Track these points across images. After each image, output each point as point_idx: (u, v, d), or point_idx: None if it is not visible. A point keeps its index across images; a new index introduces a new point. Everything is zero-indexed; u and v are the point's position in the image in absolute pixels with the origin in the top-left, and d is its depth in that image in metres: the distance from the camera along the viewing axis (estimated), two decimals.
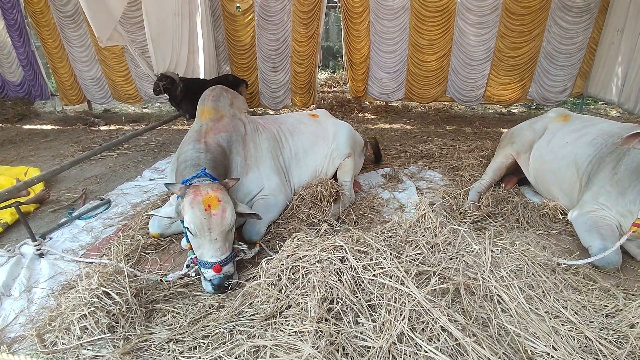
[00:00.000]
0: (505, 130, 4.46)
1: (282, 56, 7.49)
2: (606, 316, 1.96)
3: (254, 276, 2.27)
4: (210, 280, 2.31)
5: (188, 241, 2.47)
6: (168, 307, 2.20)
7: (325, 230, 2.66)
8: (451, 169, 4.50)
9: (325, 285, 1.84)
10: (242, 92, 6.46)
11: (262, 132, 3.40)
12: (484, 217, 3.21)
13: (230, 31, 7.48)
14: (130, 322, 2.02)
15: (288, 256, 2.13)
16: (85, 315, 1.96)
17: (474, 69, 7.22)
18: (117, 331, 1.95)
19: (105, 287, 2.09)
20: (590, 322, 1.88)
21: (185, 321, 2.05)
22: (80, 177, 4.59)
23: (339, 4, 7.60)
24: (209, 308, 2.19)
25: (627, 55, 6.03)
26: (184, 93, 5.99)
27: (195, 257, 2.39)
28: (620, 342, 1.81)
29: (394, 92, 7.65)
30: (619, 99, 6.22)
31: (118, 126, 7.26)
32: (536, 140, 3.67)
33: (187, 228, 2.34)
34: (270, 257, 2.21)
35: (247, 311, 2.02)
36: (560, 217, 3.16)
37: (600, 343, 1.76)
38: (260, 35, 7.40)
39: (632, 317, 1.91)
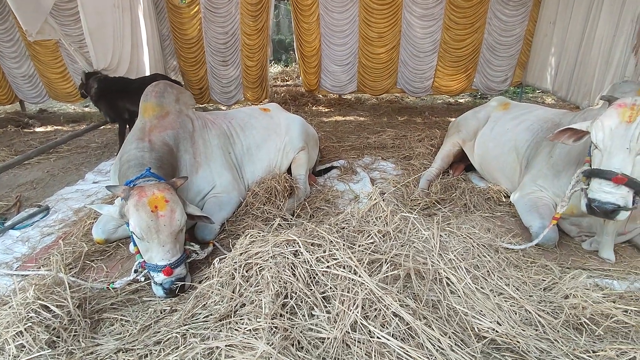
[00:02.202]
0: (453, 119, 4.65)
1: (231, 50, 7.31)
2: (544, 289, 2.10)
3: (207, 277, 2.21)
4: (161, 284, 2.22)
5: (135, 245, 2.35)
6: (116, 316, 2.09)
7: (279, 225, 2.64)
8: (403, 159, 4.63)
9: (279, 281, 1.83)
10: None
11: (212, 128, 3.30)
12: (434, 203, 3.32)
13: (176, 24, 7.17)
14: (74, 335, 1.89)
15: (241, 254, 2.09)
16: (21, 332, 1.82)
17: (421, 60, 7.44)
18: (58, 346, 1.83)
19: (43, 300, 1.95)
20: (530, 296, 2.01)
21: (135, 329, 1.96)
22: (13, 183, 4.23)
23: None
24: (161, 313, 2.11)
25: (559, 46, 6.47)
26: (98, 94, 5.13)
27: (144, 261, 2.29)
28: (556, 312, 1.95)
29: (346, 85, 7.71)
30: (553, 88, 6.67)
31: (56, 127, 6.76)
32: (480, 128, 3.86)
33: (133, 232, 2.23)
34: (223, 256, 2.16)
35: (200, 313, 1.96)
36: (504, 200, 3.34)
37: (539, 315, 1.89)
38: (207, 28, 7.16)
39: (567, 288, 2.06)
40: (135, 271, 2.35)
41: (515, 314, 1.89)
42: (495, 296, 1.94)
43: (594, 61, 5.51)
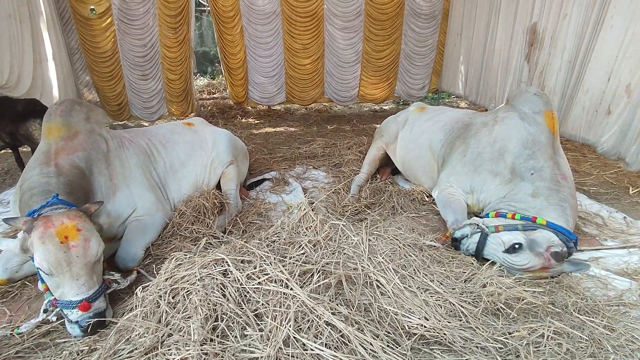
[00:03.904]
0: (379, 125, 4.87)
1: (151, 63, 6.96)
2: (465, 281, 2.26)
3: (131, 308, 2.05)
4: (77, 321, 2.01)
5: (44, 282, 2.11)
6: None
7: (209, 244, 2.54)
8: (334, 166, 4.73)
9: (208, 304, 1.75)
10: (30, 128, 4.39)
11: (129, 146, 3.09)
12: (364, 208, 3.43)
13: (86, 37, 6.65)
14: None
15: (166, 279, 1.97)
16: None
17: (346, 70, 7.71)
18: None
19: None
20: (453, 289, 2.15)
21: None
22: None
23: (209, 8, 7.37)
24: (78, 355, 1.91)
25: (467, 55, 7.11)
26: None
27: (55, 298, 2.06)
28: (476, 301, 2.10)
29: (275, 96, 7.73)
30: (465, 93, 7.30)
31: None
32: (400, 131, 4.09)
33: (39, 268, 2.00)
34: (146, 284, 2.02)
35: (123, 349, 1.80)
36: (427, 200, 3.55)
37: (461, 306, 2.02)
38: (123, 41, 6.75)
39: (484, 278, 2.24)
40: (45, 311, 2.11)
41: (441, 307, 2.01)
42: (421, 293, 2.04)
43: (495, 68, 6.13)
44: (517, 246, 2.43)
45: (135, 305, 1.94)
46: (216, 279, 1.85)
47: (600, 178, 4.37)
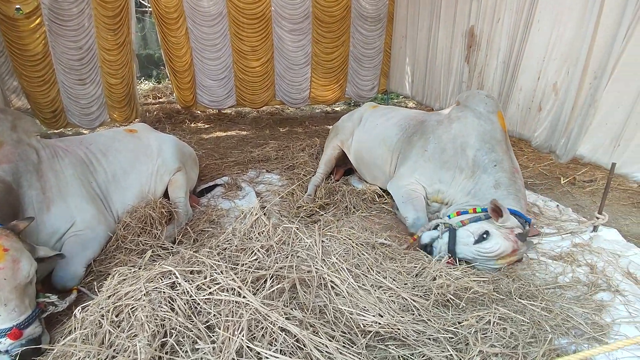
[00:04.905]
0: (331, 126, 4.92)
1: (89, 67, 6.53)
2: (416, 276, 2.33)
3: (70, 331, 1.90)
4: (7, 351, 1.83)
5: None
6: None
7: (158, 256, 2.43)
8: (287, 169, 4.70)
9: (155, 319, 1.66)
10: None
11: (64, 156, 2.87)
12: (317, 210, 3.44)
13: (12, 38, 6.10)
14: None
15: (109, 297, 1.85)
16: None
17: (296, 72, 7.71)
18: None
19: None
20: (405, 284, 2.20)
21: None
22: None
23: (151, 9, 7.07)
24: None
25: (412, 57, 7.37)
26: None
27: None
28: (427, 294, 2.17)
29: (224, 99, 7.56)
30: (412, 93, 7.56)
31: None
32: (355, 128, 4.18)
33: None
34: (85, 304, 1.88)
35: None
36: (377, 200, 3.63)
37: (413, 300, 2.08)
38: (55, 43, 6.28)
39: (434, 271, 2.32)
40: None
41: (394, 303, 2.05)
42: (375, 290, 2.08)
43: (439, 69, 6.41)
44: (485, 235, 2.53)
45: (75, 328, 1.80)
46: (163, 292, 1.76)
47: (535, 170, 4.71)
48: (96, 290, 2.34)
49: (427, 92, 6.90)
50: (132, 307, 1.74)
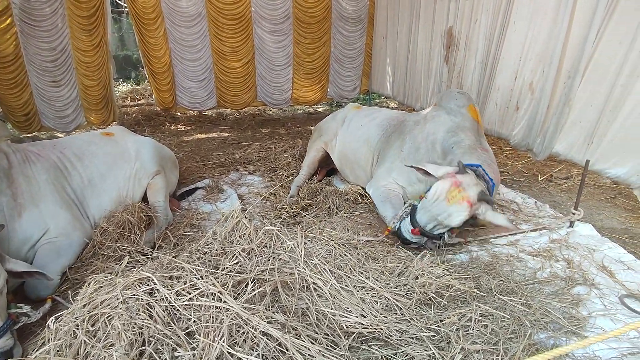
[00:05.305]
0: (313, 127, 4.91)
1: (63, 68, 6.34)
2: (398, 275, 2.33)
3: (43, 342, 1.83)
4: None
5: None
6: None
7: (137, 262, 2.37)
8: (269, 170, 4.67)
9: (133, 327, 1.61)
10: None
11: (37, 161, 2.78)
12: (299, 211, 3.42)
13: None
14: None
15: (84, 305, 1.79)
16: None
17: (278, 73, 7.68)
18: None
19: None
20: (387, 284, 2.21)
21: None
22: None
23: (127, 9, 6.92)
24: None
25: (393, 57, 7.43)
26: None
27: None
28: (410, 293, 2.18)
29: (205, 101, 7.47)
30: (393, 93, 7.62)
31: None
32: (339, 128, 4.18)
33: None
34: (59, 314, 1.82)
35: None
36: (360, 200, 3.64)
37: (396, 300, 2.08)
38: (27, 44, 6.07)
39: (416, 270, 2.33)
40: None
41: (377, 303, 2.05)
42: (358, 291, 2.07)
43: (419, 69, 6.48)
44: (428, 190, 2.69)
45: (48, 339, 1.73)
46: (141, 299, 1.72)
47: (514, 168, 4.81)
48: (71, 299, 2.26)
49: (408, 92, 6.96)
50: (109, 316, 1.69)
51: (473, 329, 1.98)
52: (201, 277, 1.86)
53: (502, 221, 2.61)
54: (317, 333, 1.78)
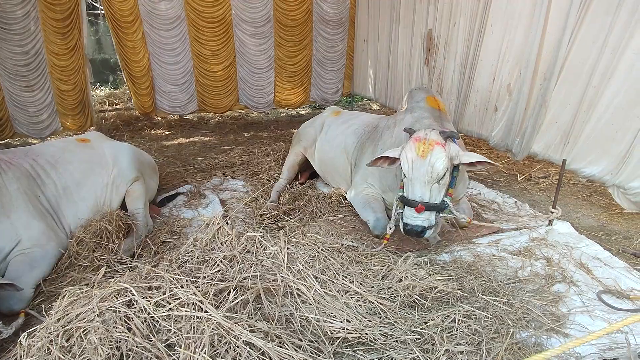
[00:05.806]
0: (296, 130, 4.88)
1: (37, 72, 6.15)
2: (382, 278, 2.33)
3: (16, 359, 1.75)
4: None
5: None
6: None
7: (115, 272, 2.30)
8: (252, 175, 4.62)
9: (110, 341, 1.56)
10: None
11: (7, 170, 2.68)
12: (282, 216, 3.40)
13: None
14: None
15: (59, 319, 1.72)
16: None
17: (260, 76, 7.63)
18: None
19: None
20: (371, 287, 2.20)
21: None
22: None
23: (103, 12, 6.77)
24: None
25: (374, 60, 7.48)
26: None
27: None
28: (394, 296, 2.18)
29: (186, 105, 7.36)
30: (375, 95, 7.67)
31: None
32: (318, 135, 4.16)
33: None
34: (32, 330, 1.74)
35: None
36: (344, 203, 3.63)
37: (380, 303, 2.07)
38: None
39: (399, 273, 2.33)
40: None
41: (361, 307, 2.04)
42: (342, 295, 2.06)
43: (400, 72, 6.54)
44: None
45: (21, 356, 1.66)
46: (119, 311, 1.66)
47: (494, 168, 4.88)
48: (45, 313, 2.18)
49: (390, 95, 7.02)
50: (84, 330, 1.63)
51: (457, 330, 1.99)
52: (181, 286, 1.82)
53: (476, 157, 2.66)
54: (301, 340, 1.76)
